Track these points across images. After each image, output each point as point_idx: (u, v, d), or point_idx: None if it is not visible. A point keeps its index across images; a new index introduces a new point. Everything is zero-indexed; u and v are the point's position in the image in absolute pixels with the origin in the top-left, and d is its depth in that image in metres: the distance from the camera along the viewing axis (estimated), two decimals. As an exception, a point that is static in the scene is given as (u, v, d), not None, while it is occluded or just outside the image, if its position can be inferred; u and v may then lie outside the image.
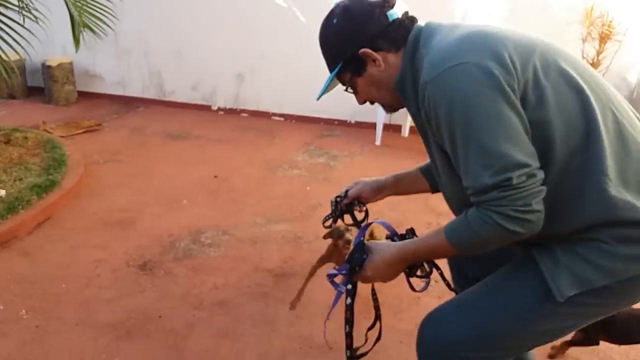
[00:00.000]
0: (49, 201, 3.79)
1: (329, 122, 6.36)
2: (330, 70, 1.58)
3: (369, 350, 1.79)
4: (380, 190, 1.98)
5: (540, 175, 1.30)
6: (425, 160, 1.88)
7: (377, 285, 1.89)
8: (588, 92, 1.35)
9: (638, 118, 1.47)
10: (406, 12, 1.54)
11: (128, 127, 6.00)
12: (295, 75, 6.21)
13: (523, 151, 1.28)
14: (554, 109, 1.32)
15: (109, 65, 6.93)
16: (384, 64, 1.52)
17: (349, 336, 1.68)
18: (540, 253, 1.43)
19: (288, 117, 6.51)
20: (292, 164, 5.02)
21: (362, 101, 1.65)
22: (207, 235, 3.64)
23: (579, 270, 1.36)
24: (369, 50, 1.50)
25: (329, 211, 2.10)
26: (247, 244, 3.54)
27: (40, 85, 6.80)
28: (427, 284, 1.63)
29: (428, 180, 1.89)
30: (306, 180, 4.66)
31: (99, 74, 7.02)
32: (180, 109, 6.79)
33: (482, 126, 1.28)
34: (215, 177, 4.65)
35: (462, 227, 1.39)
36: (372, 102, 1.65)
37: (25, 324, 2.70)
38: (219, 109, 6.77)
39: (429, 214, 4.02)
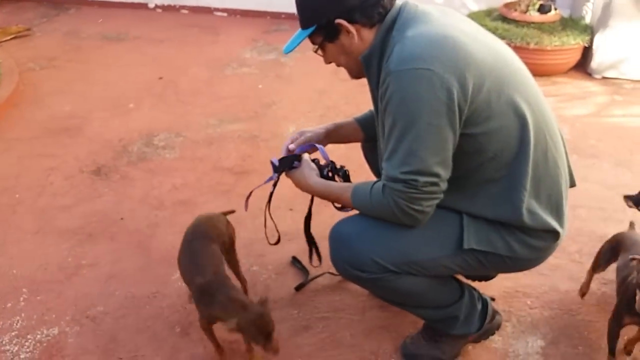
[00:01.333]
0: (-15, 112, 3.58)
1: (276, 15, 6.08)
2: (303, 29, 1.66)
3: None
4: (327, 135, 2.05)
5: (444, 186, 1.55)
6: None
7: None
8: (529, 120, 1.57)
9: (562, 140, 1.74)
10: None
11: (60, 31, 5.56)
12: (237, -34, 5.84)
13: (442, 164, 1.51)
14: (495, 130, 1.54)
15: (28, -39, 6.26)
16: (357, 36, 1.60)
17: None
18: (468, 212, 1.67)
19: (232, 12, 6.19)
20: (241, 62, 4.86)
21: (328, 62, 1.78)
22: (160, 138, 3.57)
23: (491, 236, 1.65)
24: (344, 22, 1.58)
25: (283, 108, 2.11)
26: (202, 145, 3.50)
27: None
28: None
29: (363, 130, 2.07)
30: (257, 78, 4.55)
31: (17, -28, 6.36)
32: (114, 9, 6.30)
33: (419, 131, 1.46)
34: (160, 78, 4.46)
35: (365, 195, 1.63)
36: (338, 65, 1.77)
37: (-18, 235, 2.65)
38: (157, 6, 6.33)
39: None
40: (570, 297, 2.32)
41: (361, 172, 2.25)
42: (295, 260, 2.49)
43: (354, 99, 4.15)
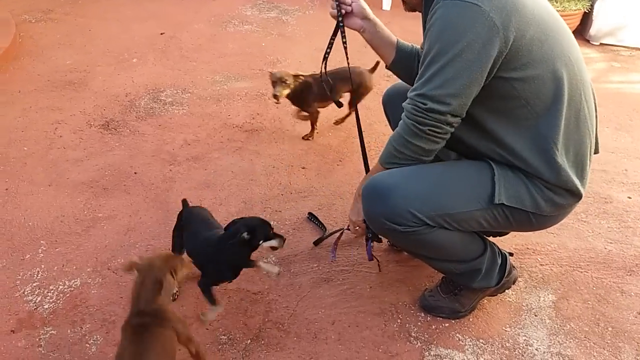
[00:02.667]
0: (-16, 63, 3.48)
1: (275, -26, 5.95)
2: None
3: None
4: (365, 17, 1.99)
5: (452, 120, 1.60)
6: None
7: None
8: (567, 77, 1.61)
9: (595, 105, 1.78)
10: None
11: (52, -19, 5.37)
12: None
13: (457, 97, 1.55)
14: (531, 78, 1.58)
15: None
16: None
17: None
18: (498, 165, 1.72)
19: (230, -31, 6.02)
20: (242, 19, 4.78)
21: None
22: (167, 93, 3.52)
23: (520, 192, 1.70)
24: None
25: (288, 67, 2.12)
26: (210, 101, 3.47)
27: None
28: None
29: (397, 54, 2.03)
30: (260, 36, 4.48)
31: None
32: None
33: (448, 60, 1.51)
34: (161, 34, 4.37)
35: (386, 145, 1.74)
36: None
37: (-6, 187, 2.62)
38: (152, -40, 6.13)
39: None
40: (578, 254, 2.40)
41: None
42: (311, 216, 2.52)
43: (358, 59, 4.09)
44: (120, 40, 4.21)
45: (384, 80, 3.66)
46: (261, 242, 1.85)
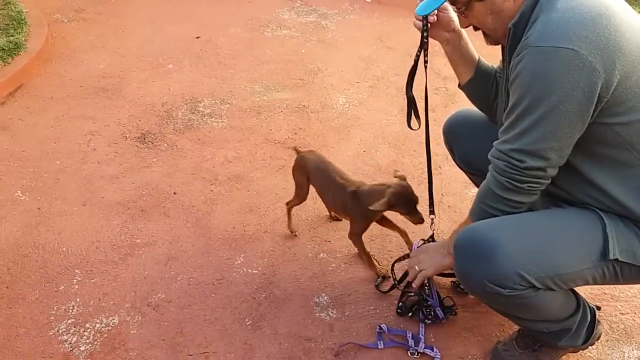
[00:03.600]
0: (17, 67, 3.33)
1: (312, -25, 5.74)
2: None
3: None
4: (452, 29, 1.81)
5: (551, 172, 1.47)
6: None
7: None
8: None
9: None
10: None
11: (85, -21, 5.22)
12: None
13: (558, 151, 1.42)
14: (637, 121, 1.41)
15: None
16: None
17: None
18: (607, 215, 1.52)
19: (265, -31, 5.82)
20: (280, 23, 4.57)
21: (466, 25, 1.65)
22: (205, 104, 3.33)
23: (633, 245, 1.50)
24: None
25: (330, 77, 1.89)
26: (250, 114, 3.27)
27: None
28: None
29: (475, 73, 1.88)
30: (299, 42, 4.27)
31: None
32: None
33: (545, 113, 1.37)
34: (197, 37, 4.18)
35: (475, 202, 1.64)
36: (475, 29, 1.64)
37: (26, 206, 2.45)
38: (185, -42, 5.96)
39: (437, 79, 3.81)
40: (661, 303, 2.16)
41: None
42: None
43: (403, 70, 3.89)
44: (155, 43, 4.03)
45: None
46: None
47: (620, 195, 1.49)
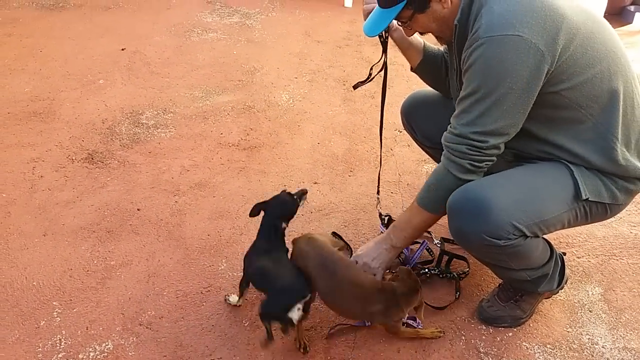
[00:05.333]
0: None
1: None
2: (387, 7, 1.63)
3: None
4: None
5: (502, 148, 1.62)
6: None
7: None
8: (617, 70, 1.59)
9: None
10: None
11: (-18, 0, 4.87)
12: None
13: (515, 126, 1.58)
14: (580, 83, 1.56)
15: None
16: (450, 1, 1.61)
17: None
18: (573, 164, 1.69)
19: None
20: (205, 27, 4.51)
21: (412, 34, 1.81)
22: (147, 115, 3.25)
23: (598, 185, 1.68)
24: None
25: (268, 75, 2.01)
26: (196, 120, 3.23)
27: None
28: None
29: (424, 54, 2.03)
30: (228, 43, 4.24)
31: None
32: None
33: (500, 96, 1.51)
34: (122, 49, 4.04)
35: (425, 188, 1.77)
36: (422, 34, 1.80)
37: (-20, 245, 2.30)
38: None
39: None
40: (609, 242, 2.41)
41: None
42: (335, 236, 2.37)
43: (336, 62, 4.00)
44: (79, 60, 3.85)
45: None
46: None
47: (575, 148, 1.67)
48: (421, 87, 2.25)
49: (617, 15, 4.98)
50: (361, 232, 2.42)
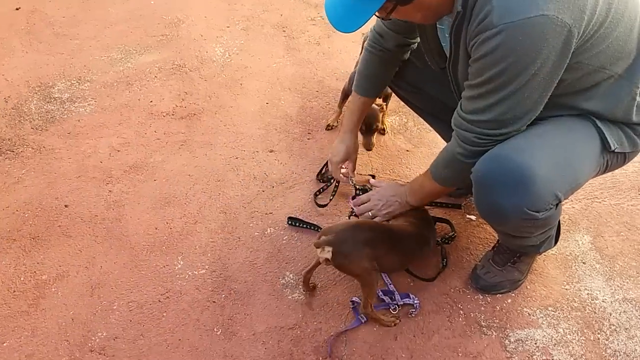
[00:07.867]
0: None
1: None
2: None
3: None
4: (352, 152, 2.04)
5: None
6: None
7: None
8: (636, 29, 1.43)
9: None
10: None
11: None
12: None
13: (535, 112, 1.42)
14: (604, 49, 1.38)
15: None
16: None
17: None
18: (596, 118, 1.55)
19: None
20: (112, -25, 3.89)
21: (389, 19, 1.52)
22: (59, 88, 2.74)
23: (620, 135, 1.55)
24: None
25: (195, 26, 1.77)
26: (119, 88, 2.76)
27: None
28: None
29: (372, 97, 2.01)
30: (143, -8, 3.68)
31: None
32: None
33: (528, 84, 1.33)
34: (17, 9, 3.41)
35: (439, 161, 1.67)
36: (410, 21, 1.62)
37: None
38: None
39: (309, 9, 3.54)
40: (589, 184, 2.25)
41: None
42: (292, 221, 2.06)
43: (271, 4, 3.57)
44: (-38, 26, 3.21)
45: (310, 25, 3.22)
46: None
47: (596, 107, 1.51)
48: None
49: None
50: (332, 203, 2.15)
